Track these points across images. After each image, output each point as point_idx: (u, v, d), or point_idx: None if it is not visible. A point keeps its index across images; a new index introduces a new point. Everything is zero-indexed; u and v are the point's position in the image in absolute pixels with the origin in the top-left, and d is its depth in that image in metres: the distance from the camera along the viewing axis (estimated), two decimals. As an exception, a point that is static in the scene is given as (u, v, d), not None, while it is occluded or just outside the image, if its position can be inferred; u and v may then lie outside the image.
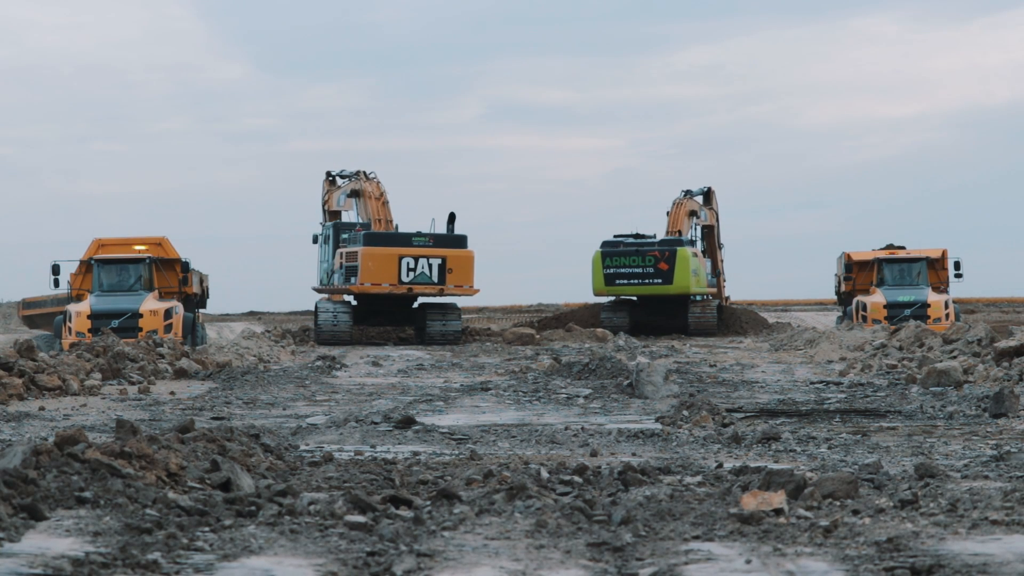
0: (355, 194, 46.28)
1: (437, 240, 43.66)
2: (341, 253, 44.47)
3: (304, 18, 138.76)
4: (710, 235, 55.65)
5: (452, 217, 44.81)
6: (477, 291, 44.38)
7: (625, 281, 49.04)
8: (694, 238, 52.13)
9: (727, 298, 56.15)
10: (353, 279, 43.27)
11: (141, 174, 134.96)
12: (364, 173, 46.63)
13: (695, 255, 49.54)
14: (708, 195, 55.23)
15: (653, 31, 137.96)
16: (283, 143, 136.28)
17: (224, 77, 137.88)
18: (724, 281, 55.92)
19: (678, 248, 48.66)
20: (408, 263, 43.03)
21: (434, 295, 43.70)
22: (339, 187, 47.95)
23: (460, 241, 44.07)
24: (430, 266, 43.16)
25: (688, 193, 53.90)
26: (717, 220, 55.30)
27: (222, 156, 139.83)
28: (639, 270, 49.02)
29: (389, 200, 46.32)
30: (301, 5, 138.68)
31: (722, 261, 56.35)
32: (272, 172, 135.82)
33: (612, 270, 49.16)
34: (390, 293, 43.29)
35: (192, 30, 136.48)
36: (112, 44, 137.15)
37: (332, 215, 48.58)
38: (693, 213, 52.99)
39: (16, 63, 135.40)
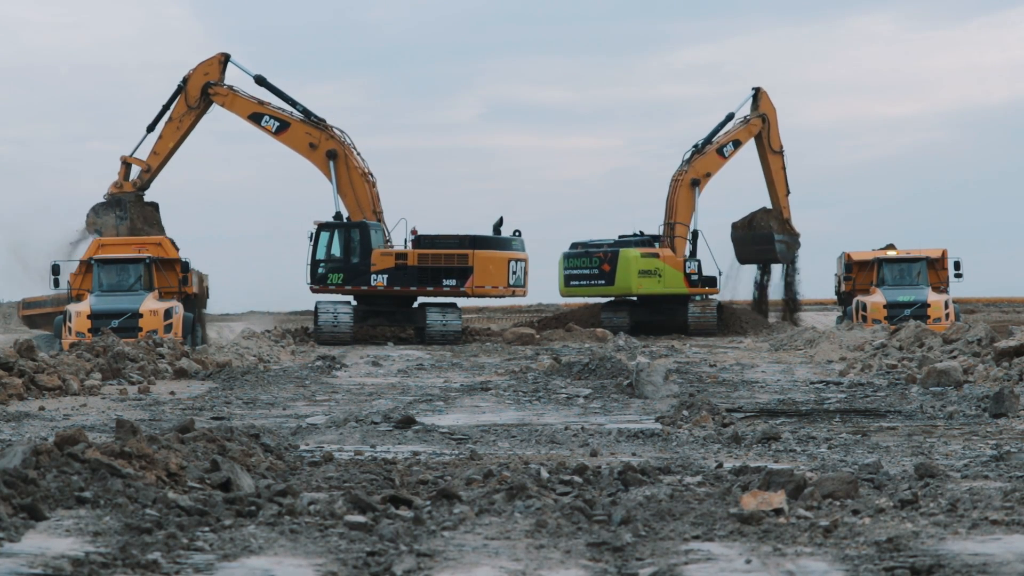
0: (331, 156, 44.92)
1: (520, 244, 44.85)
2: (409, 253, 43.79)
3: (301, 17, 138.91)
4: (762, 147, 52.01)
5: (501, 221, 45.04)
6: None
7: (577, 283, 50.03)
8: (697, 229, 50.74)
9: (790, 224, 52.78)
10: (454, 281, 43.20)
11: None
12: (327, 126, 44.87)
13: (654, 255, 49.08)
14: (757, 98, 52.14)
15: (651, 30, 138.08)
16: (281, 142, 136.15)
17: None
18: (789, 212, 52.52)
19: (621, 250, 48.96)
20: (513, 266, 43.73)
21: (522, 297, 45.37)
22: (255, 100, 45.41)
23: (523, 245, 45.26)
24: (521, 269, 44.29)
25: (695, 148, 50.87)
26: (766, 124, 51.45)
27: (220, 155, 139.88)
28: (587, 271, 49.68)
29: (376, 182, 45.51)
30: (298, 4, 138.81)
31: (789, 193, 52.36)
32: (271, 172, 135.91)
33: (568, 272, 50.09)
34: (501, 295, 44.62)
35: (188, 29, 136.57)
36: (108, 43, 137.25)
37: (203, 110, 45.46)
38: (695, 183, 50.85)
39: (13, 62, 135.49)
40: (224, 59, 46.10)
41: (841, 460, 12.74)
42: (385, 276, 43.75)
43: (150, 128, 45.99)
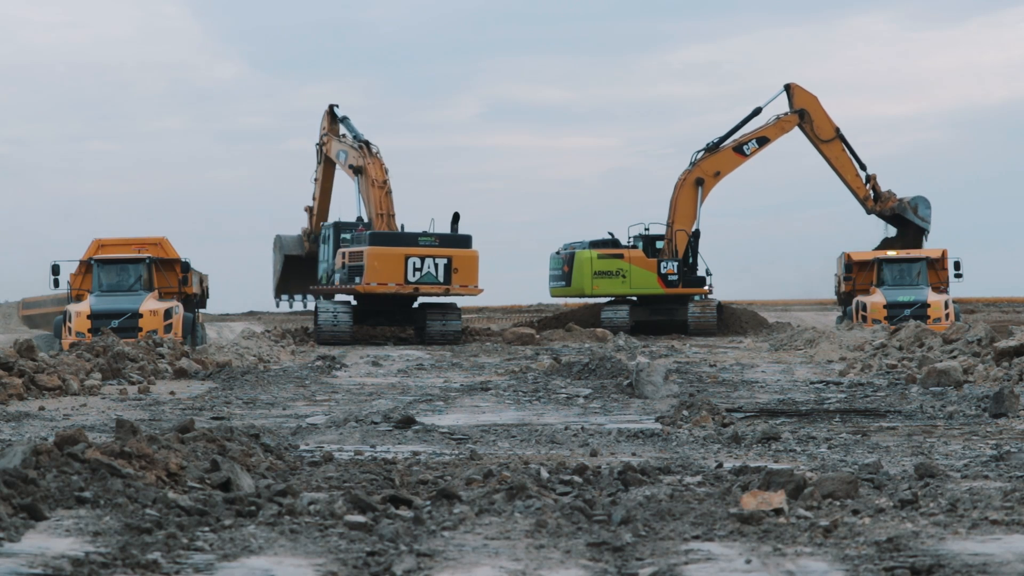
0: (357, 171, 45.97)
1: (442, 240, 43.89)
2: (343, 253, 44.54)
3: (299, 16, 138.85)
4: (813, 141, 50.02)
5: (456, 217, 45.00)
6: (481, 291, 44.59)
7: (554, 283, 50.85)
8: (697, 229, 50.38)
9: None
10: (358, 279, 43.40)
11: (138, 173, 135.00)
12: (368, 147, 46.35)
13: (616, 256, 49.05)
14: (791, 94, 50.04)
15: (650, 30, 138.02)
16: (279, 142, 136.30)
17: (219, 76, 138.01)
18: (865, 190, 50.20)
19: (576, 251, 49.36)
20: (415, 263, 43.27)
21: (440, 295, 43.86)
22: (343, 137, 47.77)
23: (465, 241, 44.33)
24: (436, 266, 43.43)
25: (708, 147, 49.82)
26: (806, 118, 49.50)
27: (218, 155, 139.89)
28: (557, 272, 50.20)
29: (392, 189, 46.07)
30: (296, 3, 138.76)
31: (865, 171, 50.10)
32: (269, 172, 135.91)
33: (550, 272, 50.78)
34: (396, 293, 43.51)
35: (186, 28, 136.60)
36: (106, 43, 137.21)
37: (327, 163, 49.34)
38: (699, 182, 49.46)
39: (10, 62, 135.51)
40: (330, 109, 49.19)
41: (841, 460, 12.74)
42: (339, 275, 44.80)
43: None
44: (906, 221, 51.07)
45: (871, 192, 50.90)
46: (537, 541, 8.24)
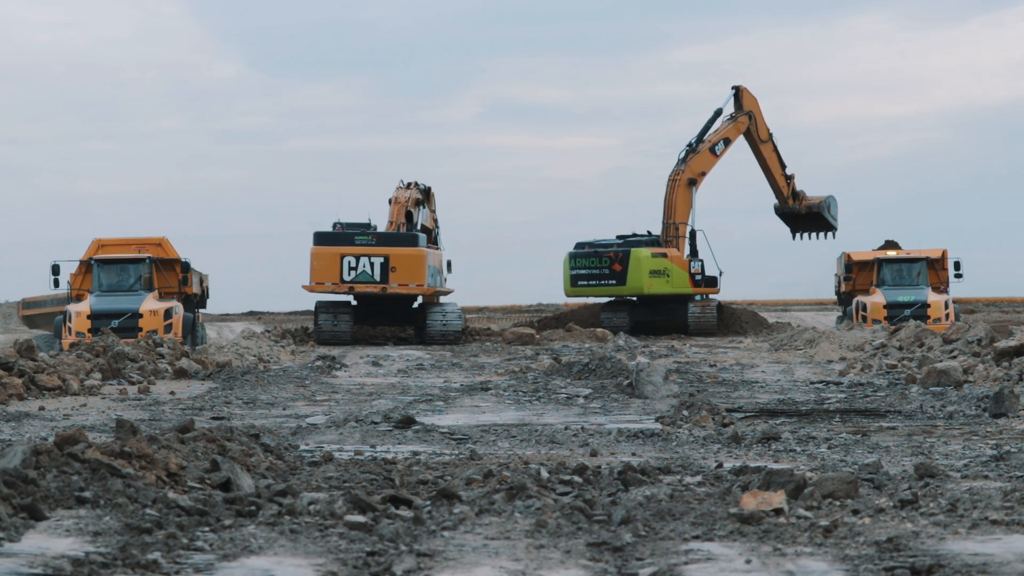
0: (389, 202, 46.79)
1: (382, 239, 43.65)
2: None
3: (298, 16, 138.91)
4: (752, 141, 51.51)
5: (409, 215, 44.97)
6: (430, 290, 44.35)
7: (585, 283, 49.46)
8: (696, 228, 50.29)
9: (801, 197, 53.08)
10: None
11: (137, 173, 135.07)
12: (405, 182, 46.96)
13: (662, 255, 48.78)
14: (739, 96, 51.56)
15: (649, 30, 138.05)
16: (278, 142, 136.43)
17: (217, 76, 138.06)
18: (788, 189, 52.51)
19: (632, 249, 48.53)
20: (350, 262, 43.08)
21: (377, 293, 43.61)
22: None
23: (410, 240, 43.91)
24: (372, 265, 43.10)
25: (690, 147, 50.46)
26: (752, 119, 50.93)
27: (217, 155, 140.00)
28: (596, 271, 49.23)
29: (413, 206, 46.14)
30: (295, 3, 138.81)
31: (785, 171, 52.36)
32: (268, 171, 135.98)
33: (575, 272, 49.55)
34: (333, 292, 43.48)
35: (184, 28, 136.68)
36: (104, 42, 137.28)
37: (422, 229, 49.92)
38: (692, 182, 49.89)
39: (8, 62, 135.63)
40: (411, 185, 48.09)
41: (841, 460, 12.74)
42: None
43: None
44: (818, 219, 53.65)
45: (791, 191, 53.17)
46: (537, 541, 8.24)
